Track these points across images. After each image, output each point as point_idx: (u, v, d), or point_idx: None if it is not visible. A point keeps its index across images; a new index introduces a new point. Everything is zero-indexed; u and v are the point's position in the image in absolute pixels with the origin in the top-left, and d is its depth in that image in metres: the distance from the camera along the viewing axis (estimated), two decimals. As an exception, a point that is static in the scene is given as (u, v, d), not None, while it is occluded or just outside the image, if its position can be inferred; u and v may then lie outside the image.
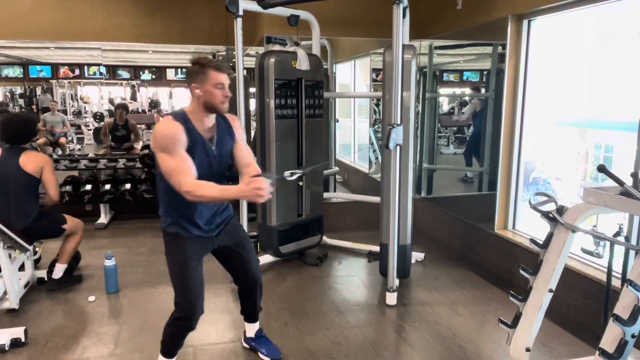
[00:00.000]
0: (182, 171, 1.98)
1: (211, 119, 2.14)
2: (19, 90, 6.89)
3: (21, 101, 6.90)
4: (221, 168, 2.20)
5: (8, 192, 3.35)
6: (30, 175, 3.38)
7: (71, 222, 3.63)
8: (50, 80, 6.88)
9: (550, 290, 2.17)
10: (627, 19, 3.11)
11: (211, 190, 1.97)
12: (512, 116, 3.85)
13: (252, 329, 2.71)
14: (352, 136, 7.52)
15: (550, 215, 2.17)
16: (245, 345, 2.77)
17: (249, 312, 2.65)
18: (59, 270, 3.59)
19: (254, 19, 5.12)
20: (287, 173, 2.39)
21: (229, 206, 2.39)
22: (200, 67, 2.06)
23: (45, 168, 3.44)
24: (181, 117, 2.07)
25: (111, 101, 6.88)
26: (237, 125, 2.29)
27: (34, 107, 6.82)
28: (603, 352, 1.87)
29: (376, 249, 4.03)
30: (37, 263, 3.91)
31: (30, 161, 3.39)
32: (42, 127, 6.45)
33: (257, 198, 1.91)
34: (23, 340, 2.76)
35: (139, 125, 6.43)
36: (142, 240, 4.76)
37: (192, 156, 2.04)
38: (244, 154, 2.24)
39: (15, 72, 6.63)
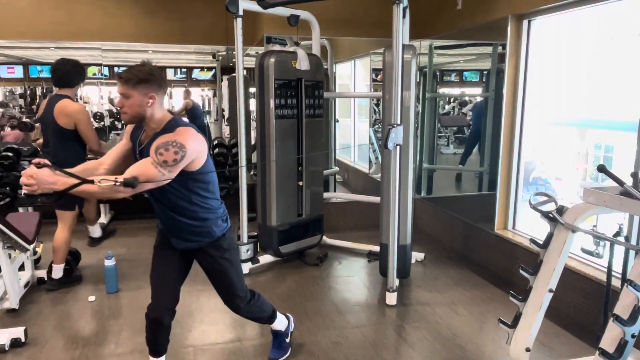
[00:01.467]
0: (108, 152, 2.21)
1: (152, 126, 2.04)
2: (19, 90, 6.89)
3: (21, 101, 6.90)
4: None
5: (48, 142, 3.44)
6: (63, 127, 3.38)
7: (73, 217, 3.63)
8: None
9: (550, 290, 2.17)
10: (627, 19, 3.10)
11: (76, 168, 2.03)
12: (512, 116, 3.85)
13: (272, 326, 2.68)
14: (352, 136, 7.52)
15: (550, 215, 2.17)
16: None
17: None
18: (57, 271, 3.58)
19: (254, 19, 5.12)
20: None
21: (199, 233, 2.19)
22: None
23: (78, 122, 3.40)
24: None
25: (111, 101, 6.88)
26: (161, 141, 1.93)
27: (34, 107, 6.82)
28: (603, 352, 1.87)
29: (376, 249, 4.03)
30: (37, 263, 3.91)
31: (62, 113, 3.37)
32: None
33: (23, 183, 1.76)
34: (23, 340, 2.77)
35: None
36: (142, 240, 4.76)
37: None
38: (134, 164, 1.98)
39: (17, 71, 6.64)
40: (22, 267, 3.52)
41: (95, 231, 4.27)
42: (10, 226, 3.05)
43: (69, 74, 3.48)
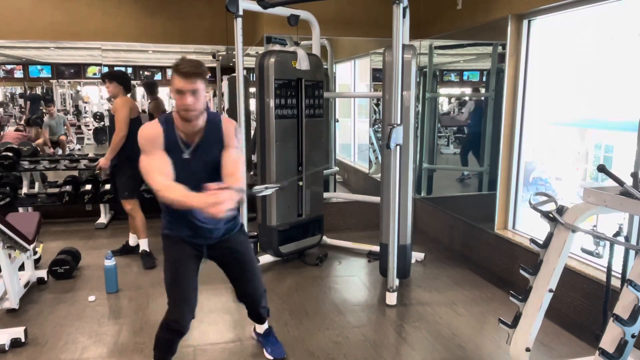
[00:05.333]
0: (154, 170, 1.98)
1: (194, 124, 2.04)
2: (18, 90, 6.90)
3: (21, 101, 6.91)
4: (199, 174, 2.02)
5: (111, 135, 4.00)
6: (113, 115, 3.94)
7: (134, 205, 4.08)
8: (50, 80, 6.88)
9: (550, 290, 2.17)
10: (627, 19, 3.10)
11: (175, 193, 1.89)
12: (512, 116, 3.85)
13: (261, 327, 2.72)
14: (352, 136, 7.52)
15: (550, 215, 2.18)
16: (253, 336, 2.80)
17: (253, 318, 2.63)
18: (144, 244, 4.14)
19: (254, 19, 5.12)
20: (259, 188, 2.47)
21: (233, 220, 2.30)
22: (173, 68, 1.97)
23: (116, 110, 3.90)
24: (164, 120, 2.09)
25: (111, 100, 6.88)
26: (231, 131, 2.12)
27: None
28: (603, 352, 1.87)
29: (376, 249, 4.03)
30: (37, 263, 3.91)
31: (114, 103, 3.96)
32: (44, 131, 6.49)
33: (214, 212, 1.74)
34: (23, 340, 2.76)
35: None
36: (142, 240, 4.75)
37: (171, 159, 2.03)
38: (227, 163, 2.07)
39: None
40: (22, 267, 3.52)
41: (143, 245, 4.25)
42: (10, 226, 3.05)
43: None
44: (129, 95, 4.09)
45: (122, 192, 4.06)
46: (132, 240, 4.31)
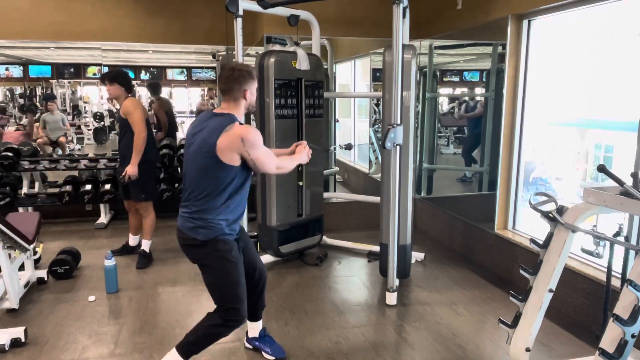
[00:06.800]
0: (270, 157, 2.29)
1: None
2: (18, 90, 6.90)
3: (21, 101, 6.91)
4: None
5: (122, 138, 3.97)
6: (124, 119, 3.87)
7: (148, 206, 4.07)
8: (50, 80, 6.88)
9: (550, 290, 2.17)
10: (627, 19, 3.10)
11: (287, 162, 2.41)
12: (512, 116, 3.85)
13: (255, 329, 2.71)
14: (352, 136, 7.52)
15: (550, 215, 2.18)
16: (248, 345, 2.77)
17: (255, 309, 2.64)
18: (147, 244, 4.12)
19: (254, 19, 5.12)
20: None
21: None
22: (249, 72, 2.25)
23: (130, 112, 3.83)
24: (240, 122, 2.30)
25: (111, 100, 6.88)
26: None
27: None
28: (603, 352, 1.87)
29: (376, 249, 4.03)
30: (37, 263, 3.91)
31: (124, 105, 3.88)
32: (42, 128, 6.48)
33: (306, 158, 2.49)
34: (23, 340, 2.76)
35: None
36: (142, 240, 4.75)
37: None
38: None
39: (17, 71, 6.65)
40: (22, 267, 3.52)
41: (145, 246, 4.17)
42: (10, 226, 3.06)
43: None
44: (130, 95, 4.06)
45: (139, 195, 4.00)
46: (132, 240, 4.31)
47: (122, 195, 4.17)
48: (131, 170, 3.82)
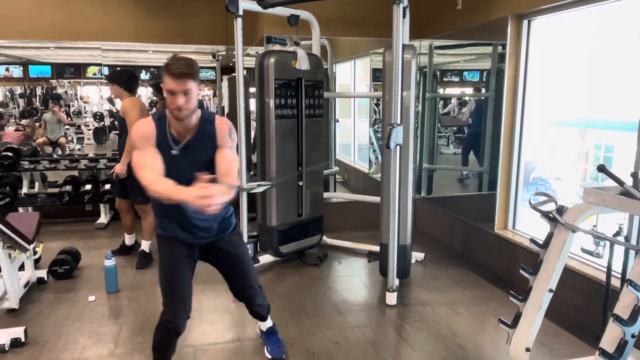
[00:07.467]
0: (144, 165, 1.98)
1: (186, 122, 2.04)
2: (19, 90, 6.89)
3: (21, 101, 6.90)
4: (188, 172, 1.90)
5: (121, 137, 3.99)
6: (123, 118, 3.86)
7: (146, 207, 4.00)
8: (51, 80, 6.87)
9: (550, 290, 2.17)
10: (627, 19, 3.10)
11: (164, 187, 1.88)
12: (512, 116, 3.85)
13: (264, 325, 2.73)
14: (352, 136, 7.52)
15: (550, 215, 2.18)
16: (258, 333, 2.85)
17: (254, 316, 2.63)
18: (146, 245, 4.10)
19: (254, 19, 5.12)
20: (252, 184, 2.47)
21: (227, 219, 2.29)
22: (164, 68, 1.95)
23: (127, 112, 3.80)
24: (158, 117, 2.10)
25: (111, 100, 6.88)
26: (224, 131, 2.11)
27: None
28: (603, 352, 1.87)
29: (376, 249, 4.03)
30: (37, 263, 3.91)
31: (122, 104, 3.89)
32: (43, 128, 6.48)
33: (203, 206, 1.71)
34: (23, 340, 2.77)
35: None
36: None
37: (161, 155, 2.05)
38: (221, 162, 2.05)
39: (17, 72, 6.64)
40: (22, 267, 3.52)
41: (145, 247, 4.22)
42: (10, 226, 3.06)
43: None
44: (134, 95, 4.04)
45: (136, 197, 3.99)
46: (128, 240, 4.33)
47: (115, 193, 4.21)
48: (119, 168, 3.87)
